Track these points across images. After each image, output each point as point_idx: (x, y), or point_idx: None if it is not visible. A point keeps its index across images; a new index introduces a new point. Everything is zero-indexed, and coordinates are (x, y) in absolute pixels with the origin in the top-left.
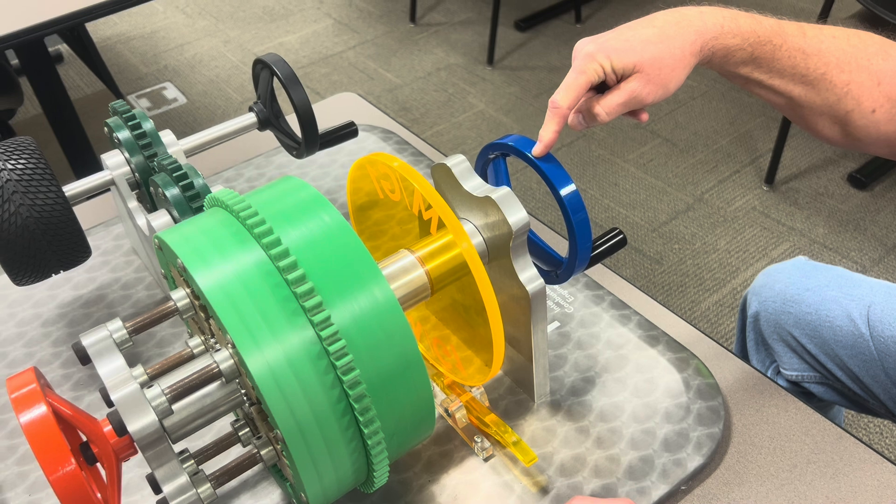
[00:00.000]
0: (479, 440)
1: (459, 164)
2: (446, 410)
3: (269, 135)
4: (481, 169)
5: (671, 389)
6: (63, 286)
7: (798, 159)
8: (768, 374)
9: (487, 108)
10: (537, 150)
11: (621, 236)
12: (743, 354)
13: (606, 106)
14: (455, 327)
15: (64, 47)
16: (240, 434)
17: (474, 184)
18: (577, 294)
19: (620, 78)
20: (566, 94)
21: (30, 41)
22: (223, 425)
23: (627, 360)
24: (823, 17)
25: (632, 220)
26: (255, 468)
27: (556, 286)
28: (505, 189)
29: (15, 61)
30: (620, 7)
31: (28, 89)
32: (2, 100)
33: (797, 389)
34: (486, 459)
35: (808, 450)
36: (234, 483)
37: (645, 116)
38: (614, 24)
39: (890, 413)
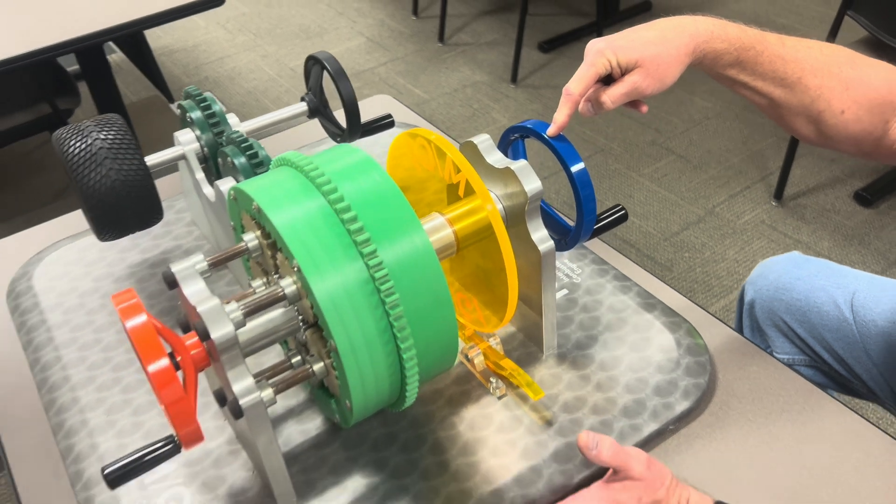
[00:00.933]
0: (494, 381)
1: (484, 142)
2: (466, 357)
3: (309, 129)
4: (503, 149)
5: (664, 346)
6: (132, 250)
7: (807, 177)
8: None
9: (510, 122)
10: (551, 130)
11: (623, 212)
12: None
13: (612, 95)
14: (476, 291)
15: (111, 57)
16: (292, 361)
17: (496, 158)
18: (585, 268)
19: (624, 72)
20: (578, 83)
21: (90, 46)
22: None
23: (626, 322)
24: (831, 39)
25: (645, 230)
26: (300, 399)
27: (566, 261)
28: (522, 162)
29: (73, 67)
30: None
31: (83, 93)
32: (63, 100)
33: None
34: (499, 398)
35: (782, 401)
36: (280, 410)
37: (644, 108)
38: None
39: (872, 393)
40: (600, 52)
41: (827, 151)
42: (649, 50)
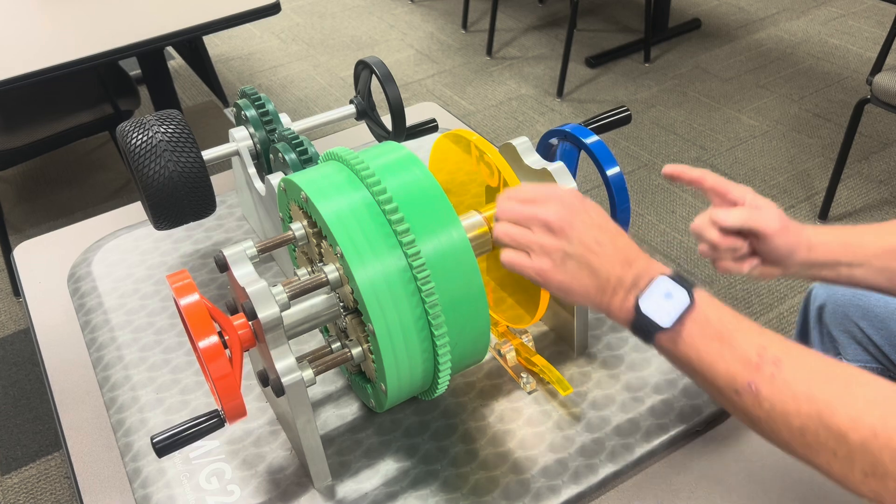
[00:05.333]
0: (524, 376)
1: (522, 144)
2: (499, 352)
3: (357, 132)
4: (542, 152)
5: None
6: (185, 241)
7: (853, 198)
8: None
9: None
10: (667, 170)
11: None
12: None
13: (730, 213)
14: (511, 290)
15: (171, 63)
16: (332, 347)
17: (534, 159)
18: None
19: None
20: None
21: (151, 51)
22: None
23: None
24: (879, 65)
25: (686, 245)
26: (339, 385)
27: None
28: (559, 163)
29: (135, 71)
30: (688, 49)
31: (143, 96)
32: (124, 102)
33: None
34: (529, 392)
35: None
36: (320, 395)
37: (747, 266)
38: (682, 66)
39: None
40: (745, 187)
41: (875, 172)
42: (786, 217)
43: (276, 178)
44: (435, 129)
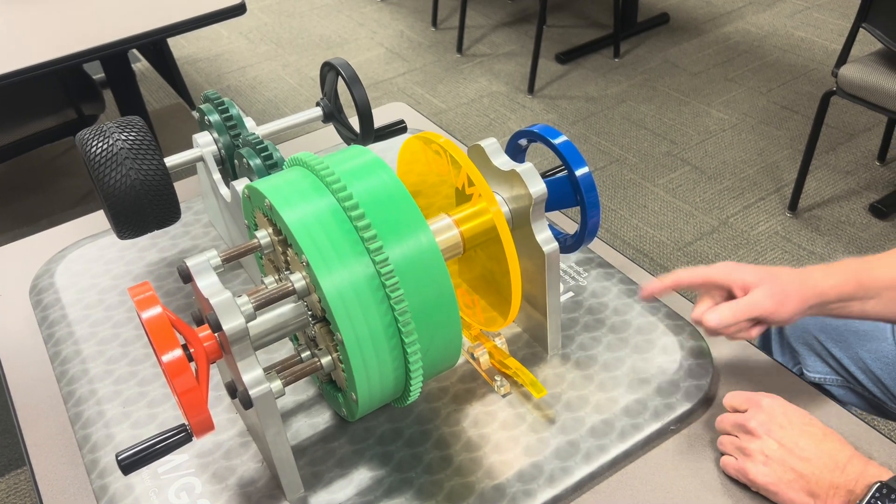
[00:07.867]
0: (498, 379)
1: (491, 145)
2: (472, 355)
3: (324, 135)
4: (511, 153)
5: (667, 348)
6: (150, 249)
7: (822, 189)
8: None
9: None
10: (643, 293)
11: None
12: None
13: (721, 310)
14: (483, 292)
15: (136, 66)
16: (302, 356)
17: (502, 160)
18: (591, 271)
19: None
20: (688, 271)
21: (115, 54)
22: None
23: (630, 324)
24: (844, 57)
25: (658, 240)
26: (310, 394)
27: (573, 263)
28: (528, 164)
29: (99, 75)
30: (657, 44)
31: (108, 100)
32: (88, 106)
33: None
34: (503, 395)
35: None
36: (291, 405)
37: (755, 332)
38: (651, 61)
39: None
40: (726, 264)
41: (843, 163)
42: (780, 276)
43: (240, 184)
44: (403, 130)
